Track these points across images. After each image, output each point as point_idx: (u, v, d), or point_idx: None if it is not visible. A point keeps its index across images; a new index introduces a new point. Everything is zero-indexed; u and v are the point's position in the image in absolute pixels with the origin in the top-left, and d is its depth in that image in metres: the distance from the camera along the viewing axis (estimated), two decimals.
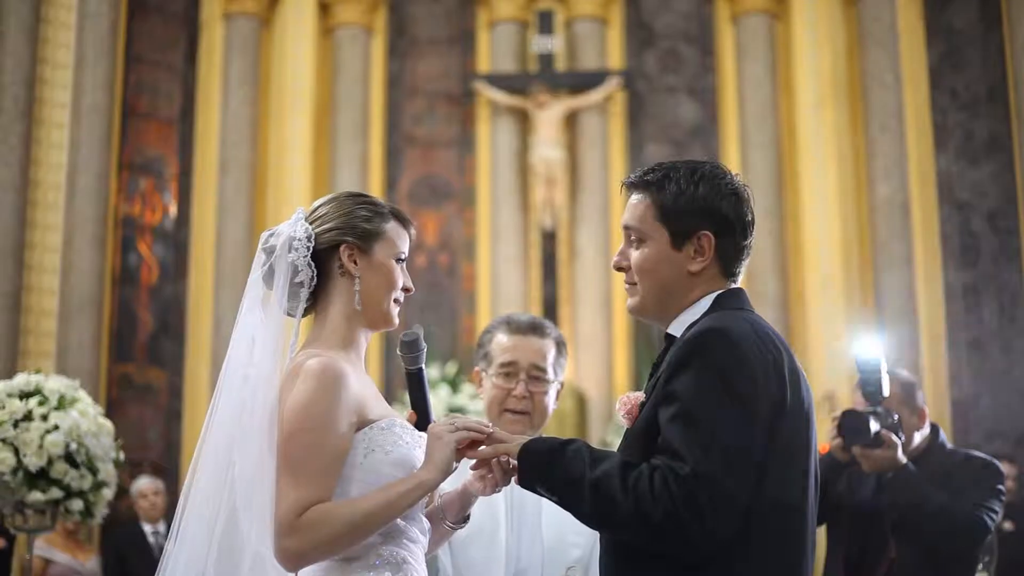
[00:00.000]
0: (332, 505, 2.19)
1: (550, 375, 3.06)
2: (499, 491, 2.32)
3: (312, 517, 2.17)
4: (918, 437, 3.86)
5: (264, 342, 2.35)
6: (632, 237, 2.28)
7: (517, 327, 3.08)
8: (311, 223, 2.41)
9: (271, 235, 2.42)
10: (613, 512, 2.06)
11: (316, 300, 2.42)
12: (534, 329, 3.09)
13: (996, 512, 3.71)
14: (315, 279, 2.39)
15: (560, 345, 3.12)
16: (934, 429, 3.95)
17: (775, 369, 2.12)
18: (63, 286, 8.55)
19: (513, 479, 2.24)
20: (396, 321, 2.43)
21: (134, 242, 9.46)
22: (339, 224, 2.39)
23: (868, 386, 3.68)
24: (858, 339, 3.78)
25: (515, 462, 2.22)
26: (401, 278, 2.42)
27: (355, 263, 2.38)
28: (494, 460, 2.26)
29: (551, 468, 2.15)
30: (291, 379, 2.27)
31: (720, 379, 2.07)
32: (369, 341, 2.47)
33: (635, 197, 2.29)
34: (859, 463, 3.75)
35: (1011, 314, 8.97)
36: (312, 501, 2.18)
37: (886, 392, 3.68)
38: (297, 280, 2.38)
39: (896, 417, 3.70)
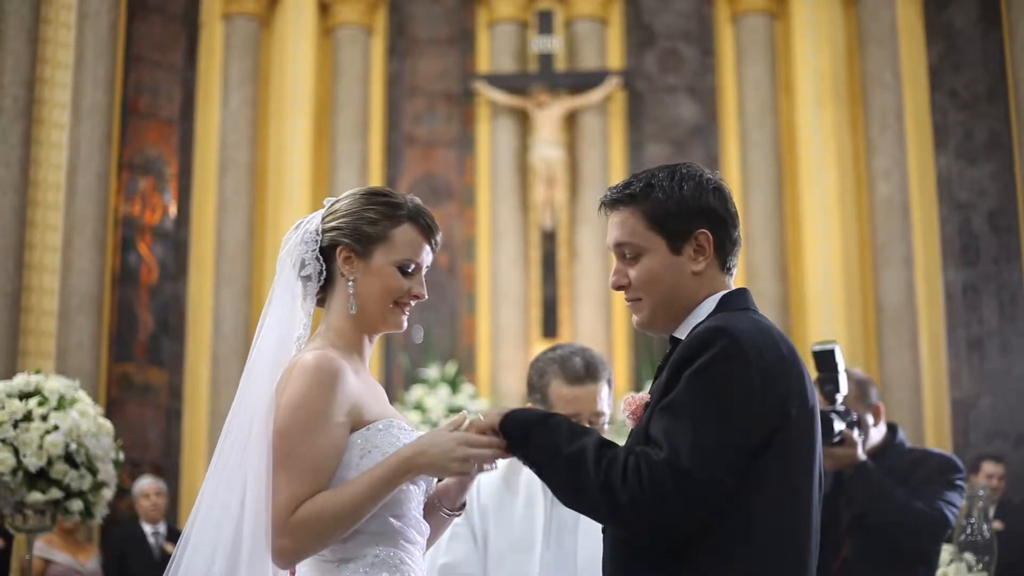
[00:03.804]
0: (319, 499, 2.18)
1: (606, 415, 3.12)
2: (493, 467, 2.29)
3: (303, 514, 2.16)
4: (875, 434, 3.90)
5: (268, 330, 2.35)
6: (627, 253, 2.26)
7: (575, 376, 3.08)
8: (325, 217, 2.39)
9: (300, 223, 2.41)
10: (583, 488, 2.07)
11: (325, 296, 2.39)
12: (590, 375, 3.10)
13: (956, 506, 3.73)
14: (323, 274, 2.36)
15: (609, 381, 3.16)
16: (892, 428, 3.99)
17: (780, 369, 2.12)
18: (63, 286, 8.55)
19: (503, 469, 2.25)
20: (401, 325, 2.39)
21: (134, 242, 9.46)
22: (341, 224, 2.36)
23: (827, 385, 3.70)
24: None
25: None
26: (403, 285, 2.36)
27: (350, 266, 2.35)
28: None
29: (530, 438, 2.15)
30: (288, 375, 2.26)
31: (716, 378, 2.07)
32: (374, 342, 2.43)
33: (620, 213, 2.27)
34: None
35: (1011, 314, 8.97)
36: (305, 498, 2.17)
37: (844, 390, 3.70)
38: (304, 273, 2.36)
39: (855, 416, 3.74)
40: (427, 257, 2.39)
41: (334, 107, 10.26)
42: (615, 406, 3.14)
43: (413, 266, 2.36)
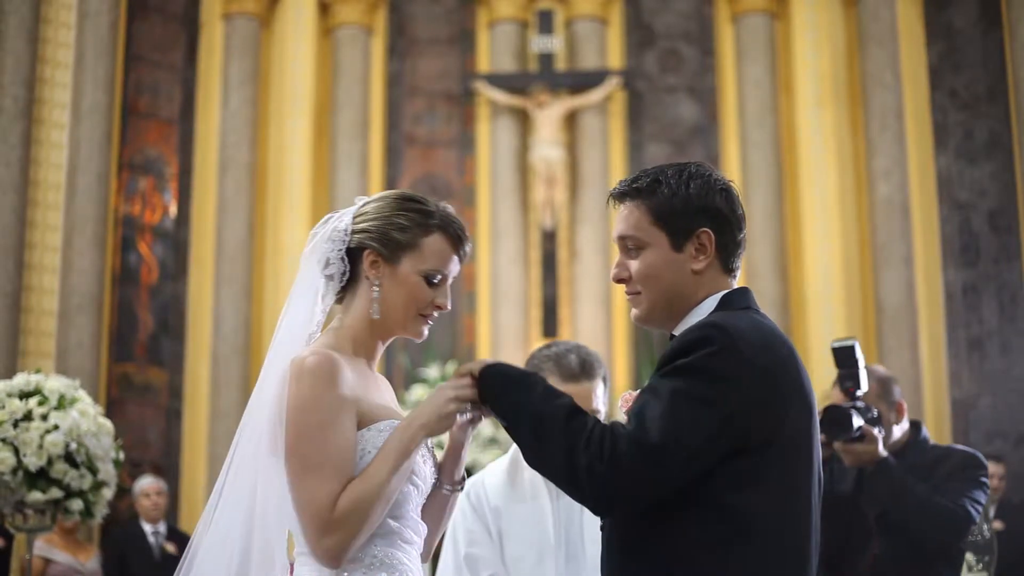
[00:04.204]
0: (351, 489, 2.17)
1: (602, 412, 3.13)
2: (478, 422, 2.32)
3: (344, 507, 2.16)
4: (897, 431, 3.88)
5: (286, 326, 2.34)
6: (629, 246, 2.27)
7: (570, 373, 3.10)
8: (355, 217, 2.35)
9: (329, 218, 2.38)
10: (547, 449, 2.09)
11: (344, 295, 2.37)
12: (585, 373, 3.12)
13: (980, 503, 3.70)
14: (347, 274, 2.34)
15: (605, 378, 3.17)
16: (916, 425, 3.96)
17: (778, 368, 2.12)
18: (63, 286, 8.55)
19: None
20: (421, 334, 2.36)
21: (134, 242, 9.46)
22: (371, 227, 2.32)
23: (847, 381, 3.70)
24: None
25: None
26: (428, 295, 2.32)
27: (376, 270, 2.31)
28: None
29: (506, 391, 2.18)
30: (292, 376, 2.25)
31: (705, 370, 2.08)
32: (385, 346, 2.41)
33: (627, 206, 2.28)
34: (839, 458, 3.76)
35: (1011, 314, 8.97)
36: (339, 493, 2.17)
37: (864, 387, 3.70)
38: (327, 272, 2.33)
39: (876, 412, 3.72)
40: (455, 268, 2.37)
41: (334, 107, 10.26)
42: (611, 404, 3.16)
43: (440, 277, 2.34)
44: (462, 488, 2.44)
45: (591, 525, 3.03)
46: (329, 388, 2.20)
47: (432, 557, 2.52)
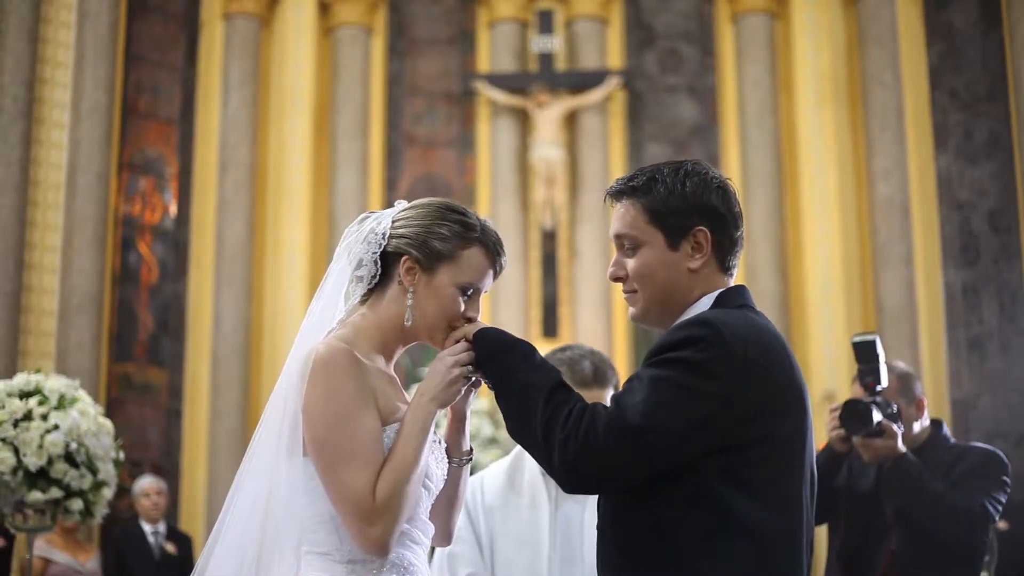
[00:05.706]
0: (384, 476, 2.16)
1: None
2: (477, 387, 2.30)
3: (383, 493, 2.15)
4: (917, 427, 3.87)
5: (311, 322, 2.33)
6: (626, 245, 2.27)
7: (583, 380, 3.10)
8: (394, 221, 2.34)
9: (366, 217, 2.38)
10: (528, 420, 2.10)
11: (371, 294, 2.35)
12: (597, 380, 3.14)
13: (999, 502, 3.68)
14: (377, 277, 2.33)
15: (616, 386, 3.17)
16: (937, 423, 3.95)
17: (768, 366, 2.12)
18: (63, 286, 8.55)
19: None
20: (444, 344, 2.32)
21: (134, 242, 9.46)
22: (412, 234, 2.31)
23: (867, 376, 3.70)
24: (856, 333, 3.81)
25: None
26: (460, 307, 2.30)
27: (412, 277, 2.30)
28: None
29: (499, 356, 2.19)
30: (311, 369, 2.23)
31: (690, 362, 2.07)
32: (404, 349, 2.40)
33: (623, 205, 2.28)
34: (858, 454, 3.76)
35: (1011, 314, 8.97)
36: (375, 481, 2.16)
37: (884, 382, 3.70)
38: (358, 273, 2.33)
39: (895, 407, 3.71)
40: (489, 282, 2.36)
41: (334, 107, 10.26)
42: None
43: (473, 290, 2.32)
44: (471, 459, 2.43)
45: (591, 533, 3.04)
46: (349, 377, 2.20)
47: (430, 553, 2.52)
